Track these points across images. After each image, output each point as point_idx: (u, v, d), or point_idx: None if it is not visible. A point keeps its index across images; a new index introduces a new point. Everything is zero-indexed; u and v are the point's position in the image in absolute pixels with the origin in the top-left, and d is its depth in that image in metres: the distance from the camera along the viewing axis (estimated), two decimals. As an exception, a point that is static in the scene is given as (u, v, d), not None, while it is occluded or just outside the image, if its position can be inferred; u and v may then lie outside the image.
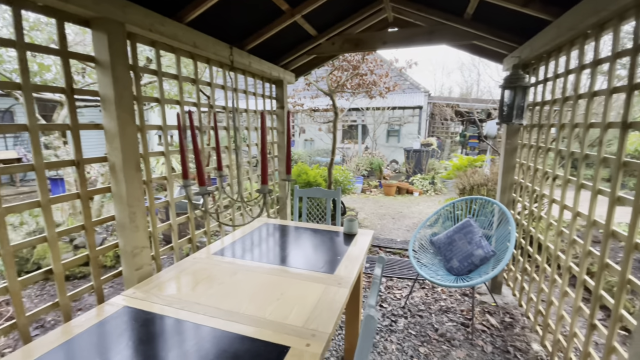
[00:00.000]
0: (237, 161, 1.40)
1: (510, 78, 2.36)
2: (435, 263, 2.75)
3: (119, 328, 1.12)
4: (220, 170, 1.21)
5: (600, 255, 1.44)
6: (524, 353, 2.09)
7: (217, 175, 1.21)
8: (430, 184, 7.55)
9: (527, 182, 2.37)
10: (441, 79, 28.55)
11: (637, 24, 1.26)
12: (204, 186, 0.98)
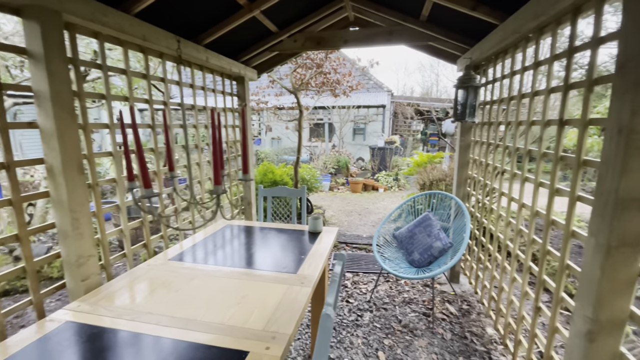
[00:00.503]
0: (188, 161, 1.34)
1: (462, 78, 2.49)
2: (399, 256, 2.84)
3: (60, 345, 1.02)
4: (172, 171, 1.14)
5: (542, 243, 1.56)
6: (479, 337, 2.23)
7: (169, 176, 1.15)
8: (394, 180, 7.79)
9: (480, 177, 2.52)
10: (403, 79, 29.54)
11: (572, 28, 1.38)
12: (149, 188, 0.92)
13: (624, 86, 0.93)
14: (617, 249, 0.97)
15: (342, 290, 2.94)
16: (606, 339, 1.04)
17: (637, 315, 1.00)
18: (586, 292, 1.07)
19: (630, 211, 0.94)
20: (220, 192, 0.98)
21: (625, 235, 0.96)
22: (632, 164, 0.92)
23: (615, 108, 0.96)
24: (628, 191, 0.93)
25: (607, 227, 0.97)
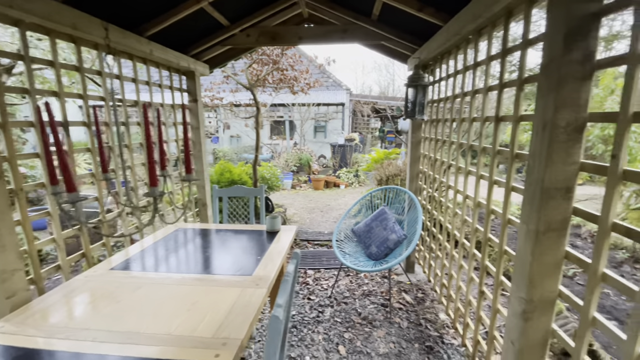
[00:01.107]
0: (122, 162, 1.23)
1: (412, 77, 2.59)
2: (358, 251, 2.90)
3: (-29, 376, 0.89)
4: (105, 173, 1.04)
5: (484, 231, 1.68)
6: (433, 323, 2.35)
7: (102, 178, 1.05)
8: (354, 177, 7.95)
9: (430, 171, 2.65)
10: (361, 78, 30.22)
11: (505, 30, 1.49)
12: (74, 192, 0.82)
13: (547, 85, 1.02)
14: (545, 234, 1.07)
15: (303, 288, 2.93)
16: (539, 317, 1.14)
17: (565, 293, 1.12)
18: (520, 275, 1.16)
19: (555, 199, 1.04)
20: (157, 194, 0.91)
21: (551, 221, 1.06)
22: (555, 157, 1.01)
23: (540, 105, 1.05)
24: (552, 181, 1.03)
25: (536, 214, 1.07)
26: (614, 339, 0.90)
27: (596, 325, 0.97)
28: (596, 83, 5.64)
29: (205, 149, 3.17)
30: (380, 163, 4.76)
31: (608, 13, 0.92)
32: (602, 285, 0.95)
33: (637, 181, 0.84)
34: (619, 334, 0.89)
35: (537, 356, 1.17)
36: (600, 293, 2.40)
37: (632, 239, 0.84)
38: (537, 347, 1.16)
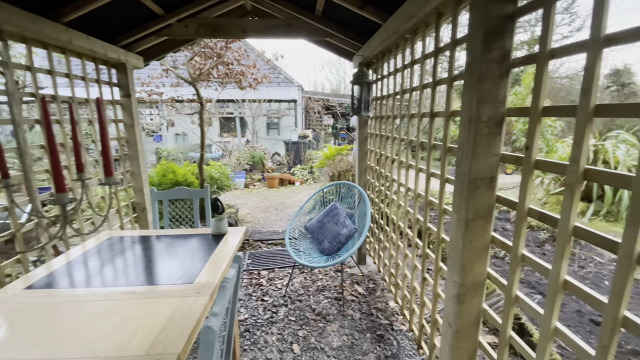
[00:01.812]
0: (24, 165, 1.08)
1: (356, 74, 2.64)
2: (312, 247, 2.91)
3: None
4: (5, 178, 0.89)
5: (423, 220, 1.77)
6: (383, 312, 2.44)
7: (3, 184, 0.89)
8: (309, 174, 7.97)
9: (377, 166, 2.73)
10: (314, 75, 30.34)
11: (437, 30, 1.56)
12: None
13: (471, 82, 1.09)
14: (473, 222, 1.15)
15: (257, 290, 2.86)
16: (472, 299, 1.23)
17: (492, 275, 1.21)
18: (453, 261, 1.24)
19: (480, 189, 1.12)
20: (65, 201, 0.80)
21: (478, 209, 1.14)
22: (479, 149, 1.09)
23: (466, 101, 1.12)
24: (477, 172, 1.10)
25: (465, 203, 1.14)
26: (533, 314, 1.00)
27: (519, 302, 1.06)
28: (519, 82, 6.35)
29: (144, 149, 2.92)
30: (332, 159, 4.82)
31: (521, 15, 1.00)
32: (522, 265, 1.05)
33: (547, 170, 0.93)
34: (537, 309, 0.99)
35: (471, 335, 1.26)
36: (525, 271, 2.70)
37: (546, 223, 0.93)
38: (471, 327, 1.25)
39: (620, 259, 0.71)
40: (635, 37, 0.69)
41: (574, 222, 0.84)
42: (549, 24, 0.88)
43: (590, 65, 0.76)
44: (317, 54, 25.12)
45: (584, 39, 0.78)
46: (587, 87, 0.77)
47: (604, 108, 0.75)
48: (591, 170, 0.79)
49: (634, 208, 0.67)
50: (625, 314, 0.72)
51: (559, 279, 0.87)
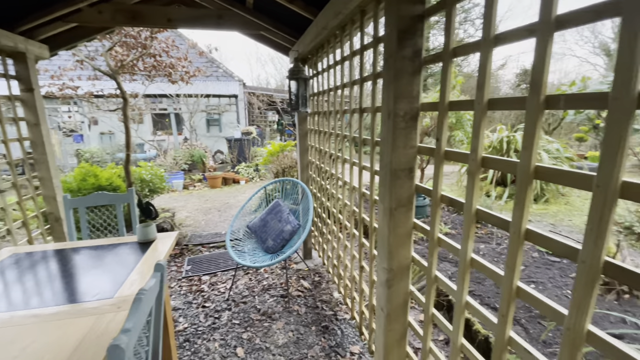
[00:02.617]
0: None
1: (292, 70, 2.62)
2: (256, 247, 2.84)
3: None
4: None
5: (359, 212, 1.83)
6: (328, 303, 2.50)
7: None
8: (255, 171, 7.78)
9: (317, 161, 2.77)
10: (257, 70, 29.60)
11: (361, 27, 1.61)
12: None
13: (388, 78, 1.15)
14: (397, 210, 1.22)
15: (198, 296, 2.72)
16: (399, 282, 1.31)
17: (416, 258, 1.30)
18: (382, 248, 1.31)
19: (400, 179, 1.19)
20: None
21: (400, 198, 1.21)
22: (398, 142, 1.15)
23: (385, 97, 1.18)
24: (397, 163, 1.17)
25: (388, 193, 1.20)
26: (449, 290, 1.10)
27: (438, 282, 1.16)
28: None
29: (54, 151, 2.56)
30: (277, 156, 4.76)
31: (429, 15, 1.07)
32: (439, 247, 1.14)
33: (453, 159, 1.02)
34: (452, 285, 1.09)
35: (401, 316, 1.35)
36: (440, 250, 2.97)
37: (455, 207, 1.02)
38: (400, 309, 1.33)
39: (511, 236, 0.80)
40: (519, 36, 0.77)
41: (476, 205, 0.93)
42: (450, 24, 0.96)
43: (483, 63, 0.84)
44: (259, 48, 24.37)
45: (478, 39, 0.86)
46: (482, 83, 0.85)
47: (495, 102, 0.84)
48: (487, 158, 0.88)
49: (519, 190, 0.77)
50: (519, 284, 0.83)
51: (466, 257, 0.97)
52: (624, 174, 0.57)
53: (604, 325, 1.94)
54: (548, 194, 4.70)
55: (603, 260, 0.60)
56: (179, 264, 3.34)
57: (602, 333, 0.63)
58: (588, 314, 0.64)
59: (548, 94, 0.69)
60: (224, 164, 8.70)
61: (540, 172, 0.72)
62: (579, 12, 0.61)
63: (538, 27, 0.68)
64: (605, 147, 0.58)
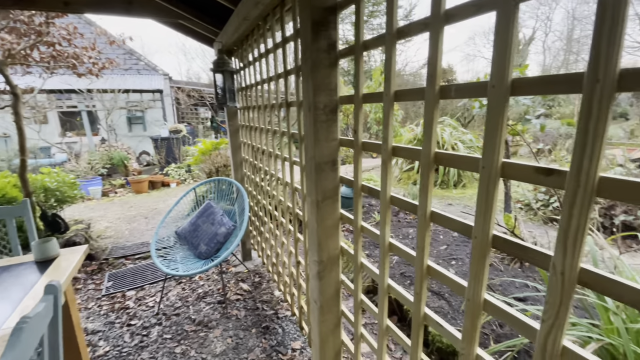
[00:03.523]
0: None
1: (217, 62, 2.48)
2: (189, 254, 2.65)
3: None
4: None
5: (292, 207, 1.82)
6: (269, 303, 2.45)
7: None
8: (187, 172, 7.27)
9: (250, 158, 2.67)
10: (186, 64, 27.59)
11: (281, 20, 1.57)
12: None
13: (306, 71, 1.14)
14: (323, 202, 1.22)
15: (122, 315, 2.44)
16: (330, 273, 1.33)
17: (344, 248, 1.33)
18: (312, 241, 1.31)
19: (324, 172, 1.20)
20: None
21: (325, 190, 1.22)
22: (320, 135, 1.16)
23: (305, 89, 1.17)
24: (320, 157, 1.18)
25: (314, 186, 1.20)
26: (374, 275, 1.14)
27: (364, 269, 1.20)
28: (370, 76, 7.35)
29: None
30: (209, 154, 4.50)
31: (342, 8, 1.08)
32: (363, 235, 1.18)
33: (370, 149, 1.05)
34: (375, 270, 1.13)
35: (334, 306, 1.37)
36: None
37: (374, 196, 1.06)
38: (332, 299, 1.35)
39: (419, 219, 0.86)
40: (416, 30, 0.81)
41: (390, 193, 0.97)
42: (360, 18, 0.98)
43: (388, 56, 0.88)
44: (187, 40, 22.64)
45: (383, 33, 0.89)
46: (388, 75, 0.89)
47: (401, 93, 0.88)
48: (397, 147, 0.93)
49: (423, 176, 0.82)
50: (429, 263, 0.89)
51: (385, 242, 1.01)
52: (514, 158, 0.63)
53: (511, 290, 2.24)
54: (465, 179, 5.28)
55: (491, 235, 0.67)
56: (97, 281, 2.95)
57: (495, 300, 0.70)
58: (483, 284, 0.71)
59: (442, 84, 0.74)
60: (151, 166, 7.96)
61: (439, 158, 0.78)
62: (463, 6, 0.66)
63: (431, 21, 0.73)
64: (486, 132, 0.64)
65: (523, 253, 0.62)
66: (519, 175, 0.60)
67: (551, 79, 0.54)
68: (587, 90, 0.48)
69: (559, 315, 0.56)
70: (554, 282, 0.56)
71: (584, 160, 0.49)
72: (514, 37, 0.58)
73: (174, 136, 8.03)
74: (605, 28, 0.45)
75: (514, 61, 0.59)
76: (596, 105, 0.47)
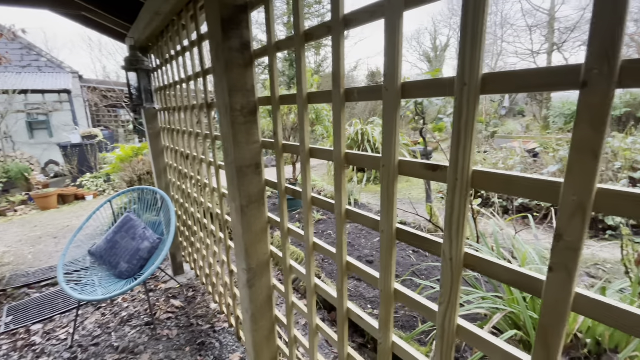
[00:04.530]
0: None
1: (130, 60, 2.25)
2: (105, 276, 2.36)
3: None
4: None
5: (221, 213, 1.73)
6: (204, 317, 2.31)
7: None
8: (106, 182, 6.49)
9: (175, 164, 2.48)
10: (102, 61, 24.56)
11: (195, 16, 1.48)
12: None
13: (219, 70, 1.09)
14: (248, 207, 1.18)
15: (26, 354, 2.07)
16: (260, 280, 1.29)
17: (274, 252, 1.30)
18: (239, 249, 1.26)
19: (248, 176, 1.16)
20: None
21: (250, 195, 1.18)
22: (239, 138, 1.12)
23: (219, 90, 1.12)
24: (242, 160, 1.14)
25: (237, 191, 1.16)
26: (302, 276, 1.14)
27: (293, 272, 1.19)
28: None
29: None
30: (129, 161, 4.07)
31: (253, 7, 1.05)
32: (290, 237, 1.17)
33: (289, 151, 1.05)
34: (302, 270, 1.13)
35: (267, 312, 1.34)
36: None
37: (296, 197, 1.06)
38: (265, 306, 1.32)
39: (337, 217, 0.88)
40: (322, 33, 0.82)
41: (310, 194, 0.98)
42: (270, 19, 0.97)
43: (298, 59, 0.88)
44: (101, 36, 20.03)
45: (292, 35, 0.89)
46: (299, 77, 0.89)
47: (312, 95, 0.89)
48: (313, 149, 0.94)
49: (336, 176, 0.84)
50: (348, 259, 0.91)
51: (309, 242, 1.02)
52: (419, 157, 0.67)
53: (435, 273, 2.46)
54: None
55: (395, 228, 0.71)
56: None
57: (403, 289, 0.75)
58: (392, 274, 0.75)
59: (346, 87, 0.76)
60: (61, 178, 6.94)
61: (349, 158, 0.80)
62: (359, 12, 0.69)
63: (332, 25, 0.75)
64: (384, 132, 0.67)
65: (421, 243, 0.67)
66: (412, 172, 0.65)
67: (432, 83, 0.59)
68: (457, 93, 0.53)
69: (451, 297, 0.62)
70: (446, 268, 0.61)
71: (459, 156, 0.55)
72: (400, 43, 0.62)
73: (87, 142, 7.10)
74: (467, 40, 0.51)
75: (402, 65, 0.63)
76: (465, 106, 0.53)
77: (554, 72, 0.44)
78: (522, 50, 16.40)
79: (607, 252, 2.81)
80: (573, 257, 0.45)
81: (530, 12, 15.98)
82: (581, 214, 0.43)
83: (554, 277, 0.47)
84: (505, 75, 0.49)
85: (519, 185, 0.50)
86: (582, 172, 0.42)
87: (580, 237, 0.44)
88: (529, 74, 0.46)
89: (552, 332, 0.49)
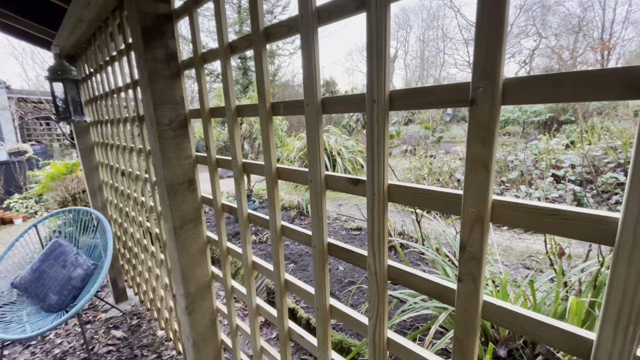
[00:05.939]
0: None
1: (54, 69, 2.04)
2: (33, 310, 2.08)
3: None
4: None
5: (160, 233, 1.61)
6: (150, 346, 2.12)
7: None
8: (37, 203, 5.81)
9: (111, 180, 2.28)
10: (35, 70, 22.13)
11: (122, 24, 1.38)
12: None
13: (143, 82, 1.01)
14: (182, 229, 1.11)
15: None
16: (201, 304, 1.21)
17: (215, 272, 1.23)
18: (175, 274, 1.17)
19: (180, 194, 1.09)
20: None
21: (185, 214, 1.11)
22: (169, 153, 1.04)
23: (144, 102, 1.04)
24: (174, 177, 1.06)
25: (169, 211, 1.08)
26: (242, 296, 1.09)
27: (235, 292, 1.13)
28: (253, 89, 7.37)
29: None
30: (62, 179, 3.68)
31: (178, 17, 1.00)
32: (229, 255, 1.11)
33: (224, 166, 1.00)
34: (243, 290, 1.08)
35: (211, 337, 1.26)
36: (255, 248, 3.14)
37: (233, 214, 1.01)
38: (208, 332, 1.24)
39: (272, 233, 0.85)
40: (244, 46, 0.79)
41: (247, 210, 0.94)
42: (194, 29, 0.92)
43: (224, 71, 0.85)
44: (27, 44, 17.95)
45: (217, 47, 0.85)
46: (226, 90, 0.85)
47: (240, 109, 0.86)
48: (246, 163, 0.90)
49: (269, 191, 0.81)
50: (287, 277, 0.88)
51: (248, 261, 0.97)
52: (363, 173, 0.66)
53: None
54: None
55: (327, 243, 0.70)
56: None
57: (339, 304, 0.74)
58: (326, 290, 0.73)
59: (272, 101, 0.75)
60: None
61: (281, 173, 0.78)
62: (277, 26, 0.68)
63: (253, 38, 0.72)
64: (308, 147, 0.66)
65: (348, 256, 0.66)
66: (337, 186, 0.64)
67: (348, 99, 0.59)
68: (368, 109, 0.54)
69: (379, 310, 0.62)
70: (372, 281, 0.61)
71: (374, 171, 0.55)
72: (317, 58, 0.61)
73: (16, 159, 6.33)
74: (373, 59, 0.52)
75: (320, 81, 0.63)
76: (376, 122, 0.53)
77: (448, 90, 0.45)
78: (460, 61, 17.86)
79: (539, 244, 3.09)
80: (477, 266, 0.46)
81: (466, 26, 17.53)
82: (480, 225, 0.45)
83: (463, 287, 0.48)
84: (409, 92, 0.50)
85: (429, 198, 0.51)
86: (477, 186, 0.44)
87: (481, 247, 0.45)
88: (428, 92, 0.48)
89: (467, 342, 0.50)
